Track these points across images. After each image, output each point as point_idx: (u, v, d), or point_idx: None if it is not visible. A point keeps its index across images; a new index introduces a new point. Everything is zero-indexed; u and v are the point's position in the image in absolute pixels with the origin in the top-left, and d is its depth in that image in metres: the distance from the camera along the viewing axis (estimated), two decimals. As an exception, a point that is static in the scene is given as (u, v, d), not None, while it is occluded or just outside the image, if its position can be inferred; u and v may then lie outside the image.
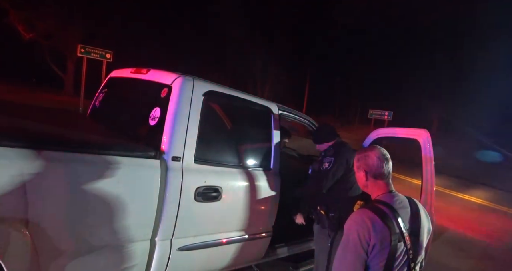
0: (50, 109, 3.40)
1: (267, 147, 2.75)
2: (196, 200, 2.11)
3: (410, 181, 9.63)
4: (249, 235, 2.57)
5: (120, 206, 1.78)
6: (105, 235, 1.79)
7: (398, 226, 1.42)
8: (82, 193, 1.66)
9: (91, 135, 2.14)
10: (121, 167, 1.78)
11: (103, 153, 1.76)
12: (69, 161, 1.64)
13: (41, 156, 1.54)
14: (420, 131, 2.57)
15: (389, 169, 1.58)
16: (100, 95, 2.97)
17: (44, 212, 1.56)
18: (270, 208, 2.69)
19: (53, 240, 1.60)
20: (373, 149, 1.63)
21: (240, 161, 2.55)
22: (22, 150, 1.51)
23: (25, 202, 1.49)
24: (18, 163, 1.48)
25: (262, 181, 2.57)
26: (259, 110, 2.76)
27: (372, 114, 17.76)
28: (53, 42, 18.56)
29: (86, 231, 1.72)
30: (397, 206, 1.48)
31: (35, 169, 1.51)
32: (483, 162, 15.91)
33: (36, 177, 1.51)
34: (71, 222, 1.66)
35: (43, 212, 1.56)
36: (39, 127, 2.03)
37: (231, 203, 2.36)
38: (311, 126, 3.34)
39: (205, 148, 2.23)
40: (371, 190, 1.61)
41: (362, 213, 1.46)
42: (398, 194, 1.57)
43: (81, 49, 10.65)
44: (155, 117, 2.14)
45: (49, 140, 1.70)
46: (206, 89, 2.28)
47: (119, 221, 1.79)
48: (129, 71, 2.68)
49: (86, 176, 1.67)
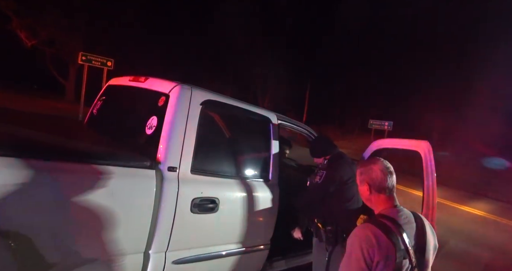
0: (47, 116, 3.35)
1: (266, 158, 2.70)
2: (192, 211, 2.05)
3: (410, 192, 9.54)
4: (246, 248, 2.51)
5: (112, 217, 1.72)
6: (96, 248, 1.72)
7: (404, 243, 1.37)
8: (71, 204, 1.60)
9: (85, 144, 2.10)
10: (115, 177, 1.73)
11: (96, 162, 1.71)
12: (58, 171, 1.58)
13: (28, 165, 1.48)
14: (421, 142, 2.53)
15: (393, 183, 1.54)
16: (98, 103, 2.94)
17: (29, 224, 1.50)
18: (268, 220, 2.63)
19: (38, 254, 1.53)
20: (376, 162, 1.59)
21: (238, 171, 2.50)
22: (6, 159, 1.45)
23: (7, 213, 1.43)
24: (1, 171, 1.42)
25: (260, 192, 2.52)
26: (258, 120, 2.73)
27: (372, 124, 17.72)
28: (55, 49, 18.66)
29: (76, 244, 1.66)
30: (402, 221, 1.44)
31: (21, 178, 1.45)
32: (484, 172, 15.84)
33: (22, 187, 1.45)
34: (59, 234, 1.60)
35: (27, 224, 1.49)
36: (30, 134, 1.97)
37: (228, 215, 2.30)
38: (310, 137, 3.31)
39: (202, 158, 2.19)
40: (375, 204, 1.57)
41: (366, 228, 1.41)
42: (403, 208, 1.53)
43: (83, 56, 10.70)
44: (151, 126, 2.10)
45: (37, 149, 1.64)
46: (204, 98, 2.25)
47: (111, 233, 1.73)
48: (128, 79, 2.66)
49: (76, 186, 1.61)
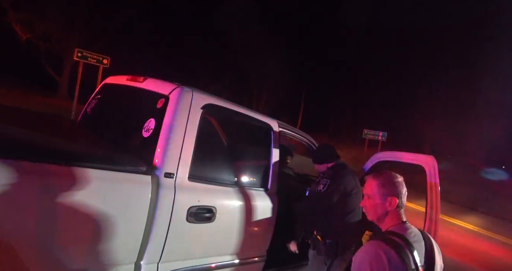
0: (36, 114, 3.19)
1: (266, 166, 2.61)
2: (188, 220, 1.94)
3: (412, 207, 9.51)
4: (242, 259, 2.40)
5: (103, 225, 1.60)
6: (85, 258, 1.61)
7: (414, 262, 1.30)
8: (58, 210, 1.47)
9: (76, 144, 1.97)
10: (107, 182, 1.62)
11: (87, 165, 1.58)
12: (45, 174, 1.45)
13: (11, 166, 1.35)
14: (426, 157, 2.47)
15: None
16: (93, 101, 2.82)
17: (11, 232, 1.37)
18: (265, 231, 2.53)
19: (22, 265, 1.41)
20: (396, 175, 1.49)
21: (237, 179, 2.40)
22: None
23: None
24: None
25: (258, 201, 2.42)
26: (259, 127, 2.64)
27: (367, 134, 17.68)
28: (51, 44, 18.38)
29: (63, 253, 1.53)
30: (412, 239, 1.37)
31: (3, 181, 1.32)
32: (477, 186, 15.96)
33: (3, 190, 1.32)
34: (45, 243, 1.47)
35: (9, 232, 1.36)
36: (16, 133, 1.80)
37: (225, 225, 2.20)
38: (310, 145, 3.23)
39: (200, 165, 2.09)
40: (386, 219, 1.47)
41: (376, 246, 1.32)
42: (411, 226, 1.45)
43: (78, 53, 10.48)
44: (149, 128, 1.99)
45: (23, 149, 1.50)
46: (205, 102, 2.15)
47: (101, 242, 1.62)
48: (125, 78, 2.55)
49: (64, 191, 1.48)
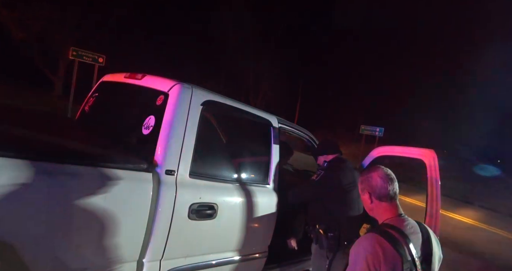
0: (34, 112, 3.17)
1: (266, 162, 2.61)
2: (189, 217, 1.94)
3: (404, 200, 9.57)
4: (244, 255, 2.40)
5: (105, 223, 1.59)
6: (87, 257, 1.59)
7: (410, 254, 1.32)
8: (59, 209, 1.46)
9: (75, 143, 1.94)
10: (108, 180, 1.60)
11: (87, 163, 1.57)
12: (45, 172, 1.42)
13: (11, 165, 1.33)
14: (426, 151, 2.47)
15: (395, 190, 1.50)
16: (90, 99, 2.80)
17: (12, 232, 1.35)
18: (267, 227, 2.53)
19: (23, 265, 1.39)
20: (376, 169, 1.55)
21: (238, 176, 2.40)
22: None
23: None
24: None
25: (260, 197, 2.42)
26: (258, 123, 2.63)
27: (364, 130, 17.70)
28: (46, 43, 18.18)
29: (64, 252, 1.52)
30: (408, 231, 1.39)
31: (3, 180, 1.30)
32: (473, 181, 16.07)
33: (2, 189, 1.30)
34: (46, 241, 1.46)
35: (10, 231, 1.34)
36: (15, 131, 1.78)
37: (226, 221, 2.19)
38: (310, 141, 3.23)
39: (201, 161, 2.08)
40: (378, 213, 1.52)
41: (372, 238, 1.34)
42: (408, 218, 1.48)
43: (73, 52, 10.32)
44: (148, 126, 1.98)
45: (23, 147, 1.49)
46: (205, 99, 2.14)
47: (103, 240, 1.61)
48: (123, 75, 2.52)
49: (65, 190, 1.47)
